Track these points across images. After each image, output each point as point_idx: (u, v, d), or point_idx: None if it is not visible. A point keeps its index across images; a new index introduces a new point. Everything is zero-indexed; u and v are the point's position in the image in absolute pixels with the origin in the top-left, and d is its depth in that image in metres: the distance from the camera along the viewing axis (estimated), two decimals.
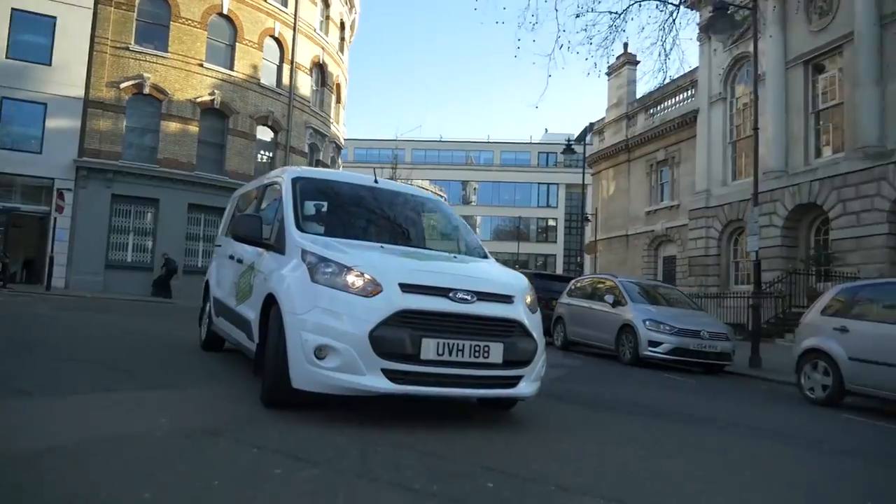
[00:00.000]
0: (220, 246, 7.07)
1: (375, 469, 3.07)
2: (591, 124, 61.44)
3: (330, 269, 4.04)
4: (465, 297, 4.01)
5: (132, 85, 22.64)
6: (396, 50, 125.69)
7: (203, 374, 5.77)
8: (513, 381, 4.19)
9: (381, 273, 3.98)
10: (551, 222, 60.57)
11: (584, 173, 29.87)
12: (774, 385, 9.31)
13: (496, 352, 4.01)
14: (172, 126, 23.35)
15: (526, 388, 4.27)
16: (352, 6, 32.91)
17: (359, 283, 3.94)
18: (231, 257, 5.93)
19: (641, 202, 30.01)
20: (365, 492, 2.76)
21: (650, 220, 29.23)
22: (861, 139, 18.35)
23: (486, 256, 5.29)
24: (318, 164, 29.41)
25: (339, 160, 33.64)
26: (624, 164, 31.71)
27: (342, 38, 31.79)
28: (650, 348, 9.97)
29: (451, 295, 3.98)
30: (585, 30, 35.22)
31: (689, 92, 27.47)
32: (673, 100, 28.82)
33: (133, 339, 8.39)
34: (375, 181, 5.59)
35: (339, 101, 31.91)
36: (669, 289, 14.14)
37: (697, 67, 26.12)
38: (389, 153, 62.98)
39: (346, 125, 33.38)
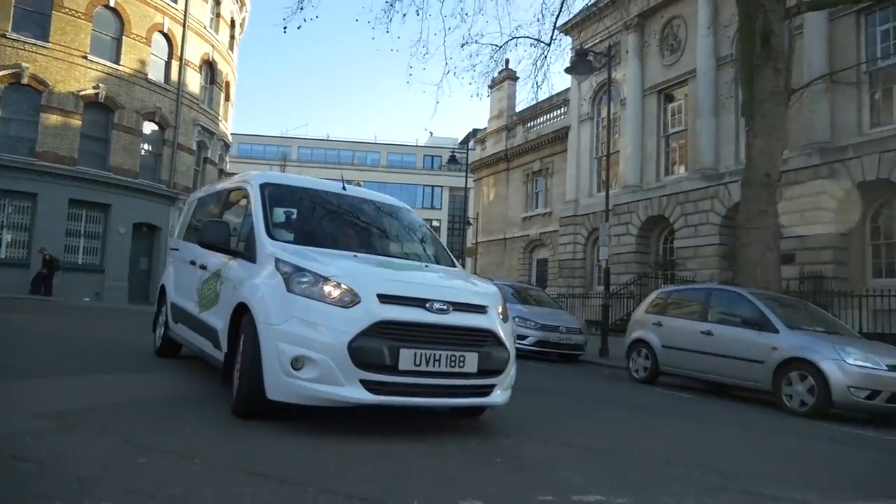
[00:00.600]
0: (176, 250, 6.89)
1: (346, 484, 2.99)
2: (475, 130, 64.15)
3: (306, 279, 4.01)
4: (442, 307, 4.05)
5: (9, 74, 21.75)
6: (286, 48, 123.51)
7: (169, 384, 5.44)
8: (486, 390, 4.26)
9: (358, 283, 3.98)
10: (435, 223, 62.65)
11: (466, 178, 31.83)
12: (616, 370, 11.32)
13: (471, 361, 4.07)
14: (53, 119, 22.65)
15: (499, 396, 4.36)
16: (242, 4, 32.93)
17: (336, 293, 3.93)
18: (193, 263, 5.80)
19: (518, 208, 32.42)
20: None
21: (526, 226, 31.69)
22: (700, 162, 21.42)
23: (454, 265, 5.39)
24: (206, 161, 29.35)
25: (227, 158, 33.55)
26: (503, 173, 34.02)
27: (232, 36, 31.79)
28: (518, 341, 11.71)
29: (427, 305, 4.01)
30: (470, 58, 37.43)
31: (562, 109, 30.11)
32: (548, 116, 31.42)
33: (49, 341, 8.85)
34: (343, 188, 5.57)
35: (227, 98, 31.88)
36: (538, 291, 16.12)
37: (570, 88, 28.78)
38: (275, 150, 62.48)
39: (230, 119, 33.34)
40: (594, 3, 24.44)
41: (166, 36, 26.06)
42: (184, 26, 26.56)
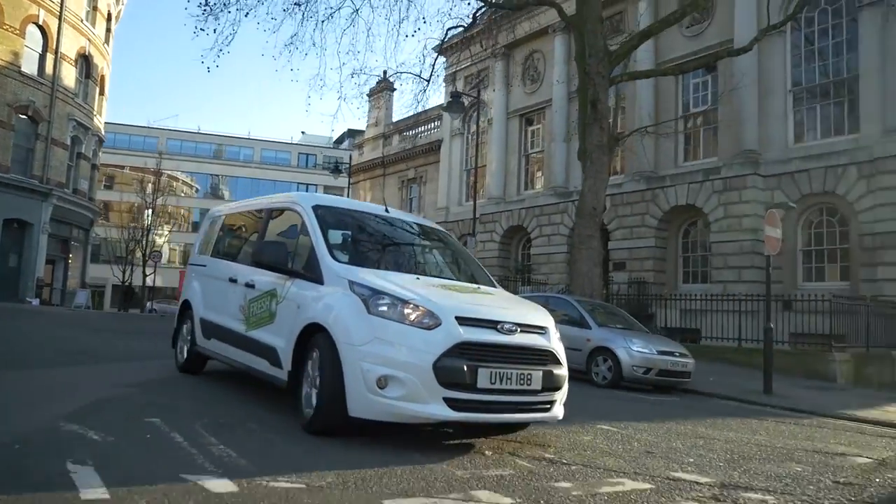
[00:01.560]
0: (203, 266, 6.79)
1: None
2: (351, 131, 65.35)
3: (385, 301, 4.20)
4: (511, 328, 4.29)
5: None
6: (160, 39, 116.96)
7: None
8: (548, 406, 4.50)
9: (436, 306, 4.18)
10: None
11: (349, 181, 33.50)
12: None
13: (537, 379, 4.31)
14: None
15: (558, 410, 4.62)
16: None
17: (416, 315, 4.13)
18: (233, 280, 5.79)
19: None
20: None
21: None
22: (553, 180, 24.78)
23: (495, 284, 5.64)
24: (80, 157, 28.88)
25: (100, 153, 32.90)
26: (380, 178, 36.08)
27: (108, 30, 31.32)
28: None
29: (498, 327, 4.25)
30: (359, 86, 39.16)
31: (436, 123, 32.68)
32: (423, 128, 33.90)
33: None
34: (386, 210, 5.80)
35: (102, 93, 31.36)
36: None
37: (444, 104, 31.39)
38: (141, 140, 60.23)
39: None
40: (466, 29, 27.18)
41: (41, 28, 25.56)
42: (60, 19, 26.14)
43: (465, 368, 4.00)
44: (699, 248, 20.40)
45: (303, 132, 74.15)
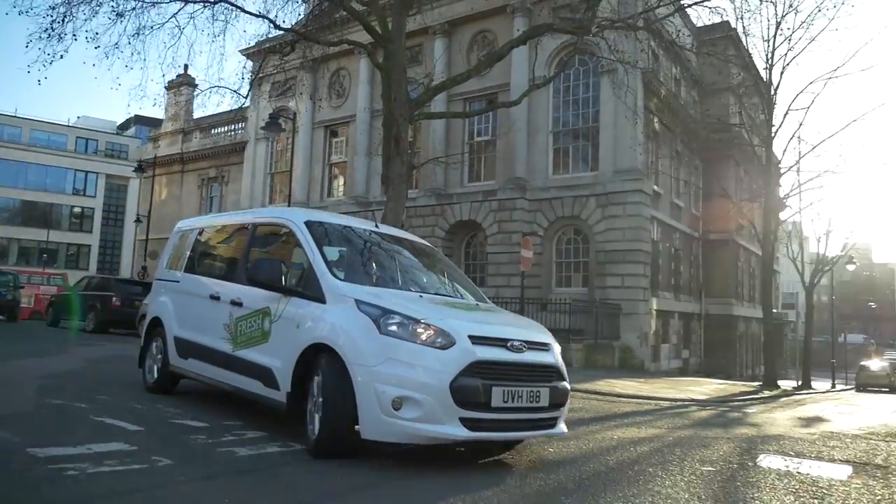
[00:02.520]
0: (175, 282, 6.47)
1: None
2: (138, 117, 61.62)
3: (396, 321, 4.12)
4: (520, 346, 4.29)
5: None
6: None
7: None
8: (553, 422, 4.52)
9: (449, 325, 4.15)
10: (88, 212, 58.64)
11: (153, 175, 32.52)
12: None
13: (545, 396, 4.32)
14: None
15: (563, 426, 4.65)
16: None
17: (428, 334, 4.07)
18: (215, 297, 5.56)
19: (192, 210, 34.35)
20: None
21: None
22: (355, 190, 27.03)
23: (486, 300, 5.61)
24: None
25: None
26: (178, 174, 35.50)
27: None
28: None
29: (508, 345, 4.25)
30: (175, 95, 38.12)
31: (242, 125, 33.19)
32: (227, 127, 34.14)
33: None
34: (376, 226, 5.81)
35: None
36: None
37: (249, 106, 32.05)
38: None
39: None
40: (277, 35, 28.30)
41: None
42: None
43: (481, 387, 3.98)
44: (479, 257, 24.01)
45: (78, 117, 67.92)
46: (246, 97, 18.56)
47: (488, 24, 24.52)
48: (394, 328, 4.10)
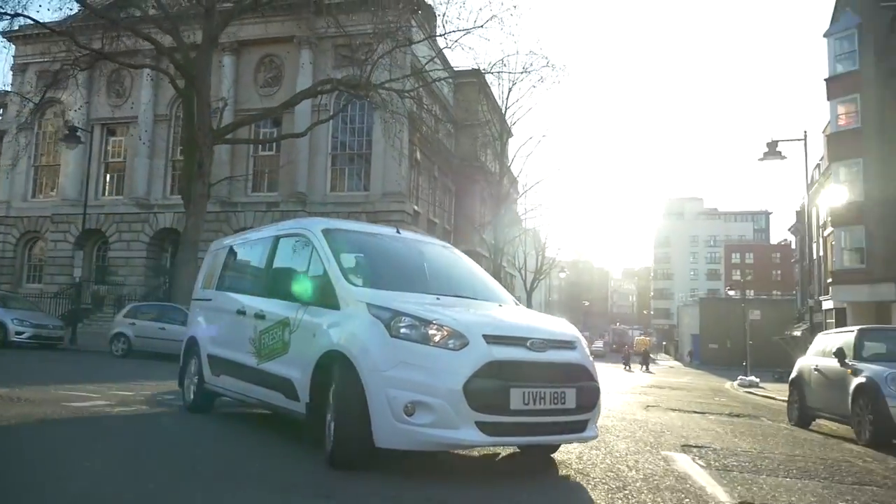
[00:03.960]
0: (208, 300, 6.51)
1: None
2: None
3: (407, 323, 3.99)
4: (541, 345, 4.09)
5: None
6: None
7: None
8: (582, 425, 4.26)
9: (461, 325, 3.98)
10: None
11: None
12: (85, 354, 16.75)
13: (571, 397, 4.08)
14: None
15: (592, 430, 4.37)
16: None
17: (441, 336, 3.91)
18: (241, 312, 5.54)
19: None
20: None
21: None
22: (135, 191, 27.61)
23: (517, 302, 5.45)
24: None
25: None
26: None
27: None
28: (17, 336, 15.73)
29: (528, 344, 4.05)
30: None
31: (1, 111, 31.14)
32: None
33: None
34: (398, 231, 5.71)
35: None
36: (19, 297, 19.60)
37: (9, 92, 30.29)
38: None
39: None
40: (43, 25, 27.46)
41: None
42: None
43: (497, 389, 3.81)
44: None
45: None
46: (38, 104, 18.87)
47: (277, 49, 26.97)
48: (405, 330, 3.97)
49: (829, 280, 26.57)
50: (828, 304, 27.29)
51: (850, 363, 7.79)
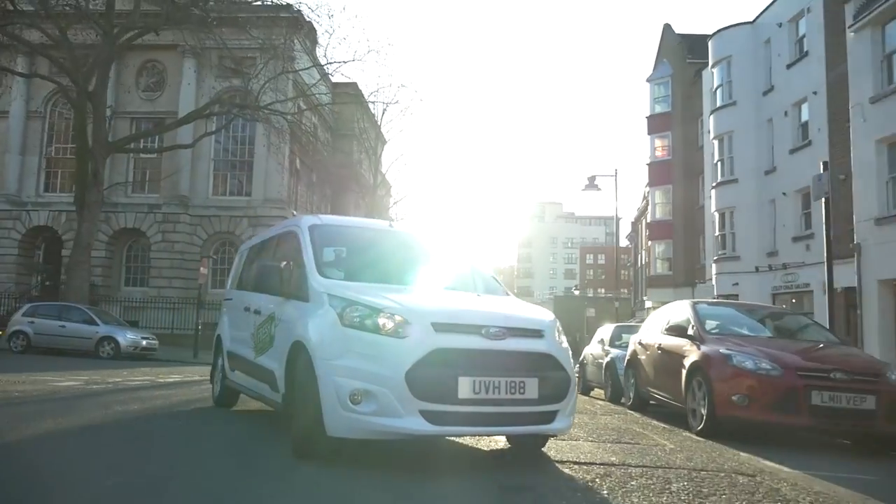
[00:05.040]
0: (230, 300, 6.80)
1: None
2: None
3: (359, 313, 3.99)
4: (497, 332, 3.99)
5: None
6: None
7: None
8: (549, 417, 4.13)
9: (411, 313, 3.94)
10: None
11: None
12: None
13: (532, 387, 3.96)
14: None
15: (562, 422, 4.22)
16: None
17: (390, 324, 3.89)
18: (247, 309, 5.77)
19: None
20: None
21: None
22: (6, 188, 27.44)
23: (507, 294, 5.37)
24: None
25: None
26: None
27: None
28: None
29: (483, 331, 3.96)
30: None
31: None
32: None
33: None
34: (390, 225, 5.78)
35: None
36: None
37: None
38: None
39: None
40: None
41: None
42: None
43: (443, 378, 3.73)
44: (142, 261, 27.37)
45: None
46: None
47: (159, 55, 27.76)
48: (356, 320, 3.99)
49: (647, 284, 31.90)
50: (649, 304, 32.65)
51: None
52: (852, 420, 6.00)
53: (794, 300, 20.05)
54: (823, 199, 11.10)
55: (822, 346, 7.17)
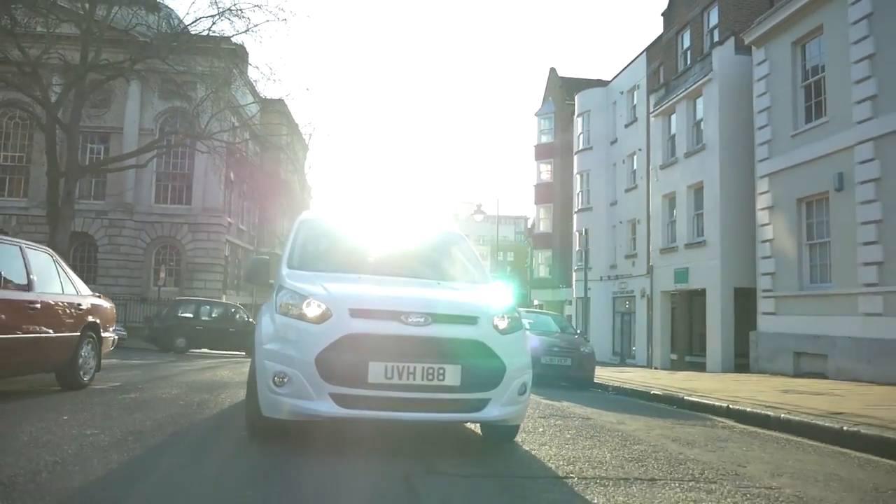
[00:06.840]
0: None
1: None
2: None
3: (291, 301, 4.15)
4: (419, 319, 4.01)
5: None
6: None
7: None
8: (477, 405, 4.12)
9: (333, 300, 4.05)
10: None
11: None
12: None
13: (453, 374, 3.96)
14: None
15: (493, 411, 4.15)
16: None
17: (312, 311, 4.02)
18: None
19: None
20: None
21: None
22: None
23: (486, 282, 5.25)
24: None
25: None
26: None
27: None
28: None
29: (402, 318, 4.00)
30: None
31: None
32: None
33: None
34: (384, 217, 5.87)
35: None
36: None
37: None
38: None
39: None
40: None
41: None
42: None
43: (353, 362, 3.83)
44: (90, 261, 30.61)
45: None
46: None
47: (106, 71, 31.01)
48: (287, 307, 4.14)
49: (531, 285, 37.92)
50: (536, 302, 38.65)
51: None
52: (562, 371, 11.52)
53: (627, 303, 26.31)
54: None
55: (558, 333, 12.88)
